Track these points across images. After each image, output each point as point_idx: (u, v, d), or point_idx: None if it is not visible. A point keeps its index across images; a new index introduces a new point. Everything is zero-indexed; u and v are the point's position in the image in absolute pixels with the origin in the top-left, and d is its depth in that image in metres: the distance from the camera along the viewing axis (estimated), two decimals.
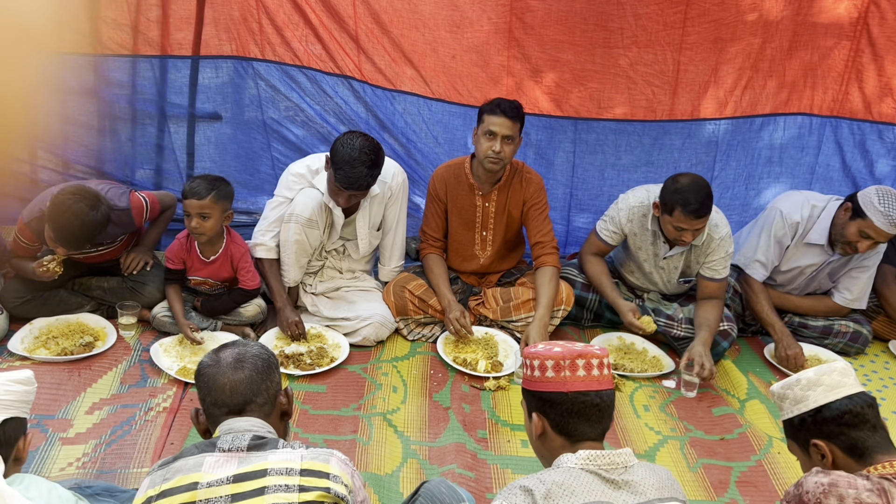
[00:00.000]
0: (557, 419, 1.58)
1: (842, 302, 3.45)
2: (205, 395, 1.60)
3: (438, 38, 3.44)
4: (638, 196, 3.21)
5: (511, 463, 2.55)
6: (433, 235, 3.33)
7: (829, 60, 3.50)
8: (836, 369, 1.79)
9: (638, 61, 3.46)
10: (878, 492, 1.52)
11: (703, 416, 2.92)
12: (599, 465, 1.50)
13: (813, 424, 1.75)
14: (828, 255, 3.34)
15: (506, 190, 3.25)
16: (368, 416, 2.70)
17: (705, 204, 2.95)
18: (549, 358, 1.59)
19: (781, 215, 3.32)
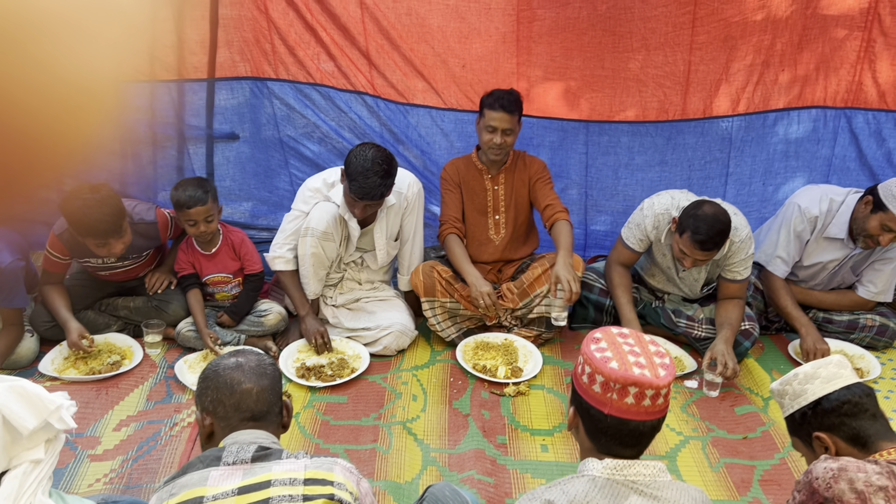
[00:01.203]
0: (591, 429, 1.52)
1: (866, 295, 3.39)
2: (225, 396, 1.61)
3: (448, 49, 3.48)
4: (663, 203, 3.17)
5: (531, 468, 2.56)
6: (453, 216, 3.35)
7: (840, 52, 3.46)
8: (832, 361, 1.81)
9: (648, 64, 3.46)
10: (888, 475, 1.53)
11: (725, 415, 2.90)
12: (626, 475, 1.46)
13: (814, 417, 1.76)
14: (849, 249, 3.29)
15: (511, 172, 3.33)
16: (388, 425, 2.73)
17: (714, 240, 2.87)
18: (601, 373, 1.46)
19: (800, 210, 3.29)
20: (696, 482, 2.51)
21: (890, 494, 1.50)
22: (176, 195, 2.98)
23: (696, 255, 2.92)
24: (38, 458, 1.54)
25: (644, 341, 1.55)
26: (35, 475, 1.52)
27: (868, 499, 1.50)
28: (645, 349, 1.51)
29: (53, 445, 1.60)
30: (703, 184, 3.72)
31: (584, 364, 1.51)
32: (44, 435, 1.57)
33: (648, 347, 1.52)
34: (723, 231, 2.89)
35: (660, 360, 1.49)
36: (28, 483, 1.50)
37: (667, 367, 1.48)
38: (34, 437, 1.55)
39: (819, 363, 1.81)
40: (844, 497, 1.52)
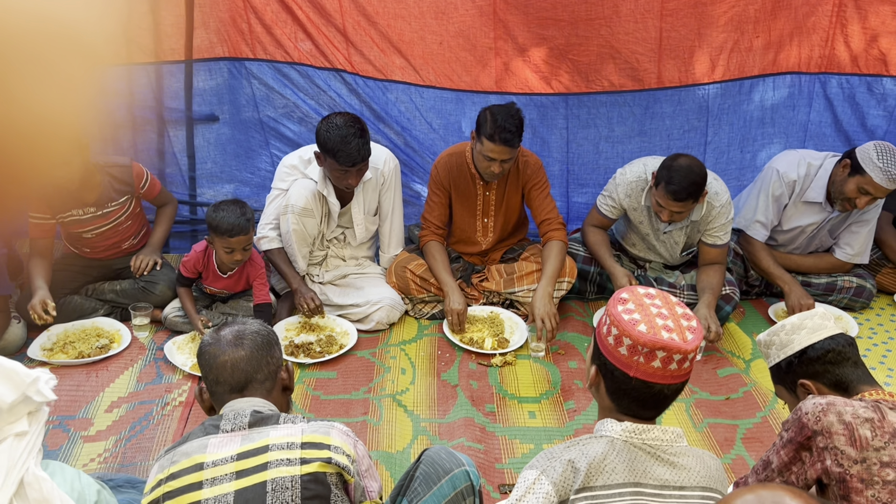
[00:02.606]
0: (614, 389, 1.49)
1: (843, 258, 3.46)
2: (206, 373, 1.66)
3: (425, 25, 3.48)
4: (635, 171, 3.23)
5: (519, 434, 2.61)
6: (435, 223, 3.36)
7: (813, 17, 3.50)
8: (817, 313, 1.88)
9: (620, 31, 3.47)
10: (874, 408, 1.61)
11: (708, 377, 2.96)
12: (644, 439, 1.47)
13: (799, 366, 1.84)
14: (827, 213, 3.36)
15: (505, 178, 3.30)
16: (378, 398, 2.77)
17: (688, 189, 2.91)
18: (629, 336, 1.42)
19: (778, 174, 3.34)
20: None
21: (875, 425, 1.57)
22: (216, 219, 2.85)
23: (671, 206, 2.96)
24: (22, 431, 1.56)
25: (671, 302, 1.50)
26: (22, 447, 1.54)
27: (855, 429, 1.57)
28: (673, 311, 1.47)
29: (36, 417, 1.61)
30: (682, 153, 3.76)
31: (611, 325, 1.46)
32: (24, 408, 1.58)
33: (676, 309, 1.48)
34: (697, 182, 2.93)
35: (687, 322, 1.46)
36: (17, 455, 1.52)
37: (694, 330, 1.45)
38: (15, 411, 1.56)
39: (805, 315, 1.88)
40: (833, 428, 1.58)
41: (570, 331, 3.28)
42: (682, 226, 3.22)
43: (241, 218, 2.85)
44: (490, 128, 2.96)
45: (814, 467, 1.62)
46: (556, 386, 2.89)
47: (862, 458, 1.55)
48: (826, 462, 1.59)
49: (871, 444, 1.55)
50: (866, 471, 1.54)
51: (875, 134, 3.72)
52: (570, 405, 2.77)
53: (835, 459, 1.58)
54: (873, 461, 1.55)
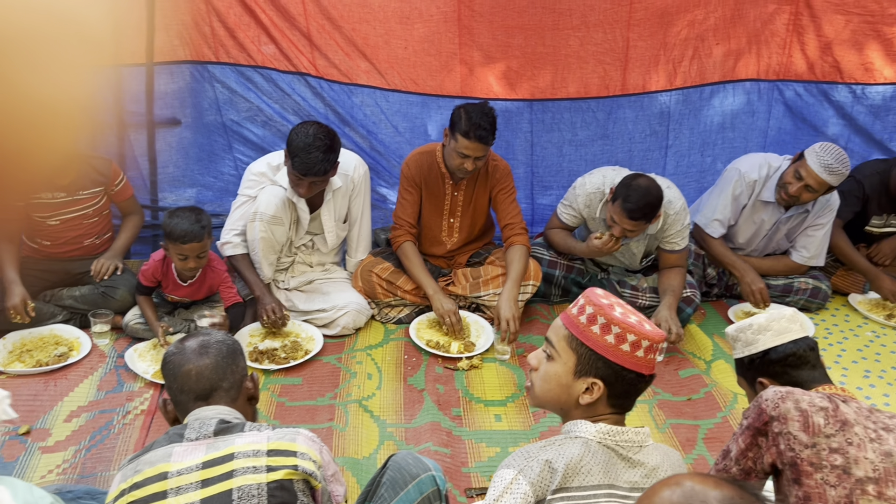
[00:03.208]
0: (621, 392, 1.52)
1: (800, 260, 3.55)
2: (171, 382, 1.65)
3: (389, 30, 3.48)
4: (594, 182, 3.28)
5: (485, 437, 2.62)
6: (408, 221, 3.34)
7: (771, 26, 3.59)
8: (785, 316, 1.93)
9: (588, 41, 3.52)
10: (829, 399, 1.68)
11: (670, 378, 3.01)
12: (617, 441, 1.50)
13: (761, 365, 1.91)
14: (780, 213, 3.44)
15: (474, 179, 3.31)
16: (344, 404, 2.76)
17: (642, 210, 2.95)
18: (632, 331, 1.48)
19: (739, 174, 3.43)
20: None
21: (829, 414, 1.64)
22: (170, 225, 2.79)
23: (624, 223, 3.00)
24: None
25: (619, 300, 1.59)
26: None
27: (810, 416, 1.63)
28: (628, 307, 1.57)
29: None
30: (643, 156, 3.83)
31: (626, 332, 1.48)
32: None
33: (626, 306, 1.57)
34: (652, 203, 2.97)
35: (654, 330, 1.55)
36: None
37: (646, 321, 1.55)
38: None
39: (773, 316, 1.92)
40: (789, 415, 1.65)
41: (535, 333, 3.30)
42: (638, 238, 3.27)
43: (195, 225, 2.79)
44: (465, 125, 2.99)
45: (769, 451, 1.68)
46: (521, 389, 2.91)
47: (812, 443, 1.62)
48: (780, 446, 1.65)
49: (823, 430, 1.62)
50: (816, 455, 1.61)
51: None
52: (535, 408, 2.79)
53: (787, 444, 1.64)
54: (823, 447, 1.61)
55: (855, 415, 1.65)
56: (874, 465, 1.59)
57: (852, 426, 1.63)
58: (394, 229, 3.38)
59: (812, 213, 3.44)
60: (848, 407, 1.68)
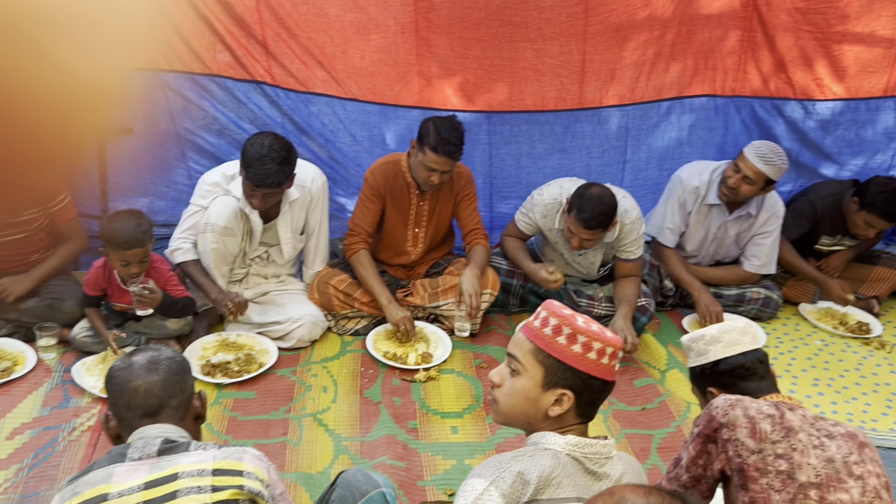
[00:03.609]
0: (590, 401, 1.54)
1: (751, 269, 3.62)
2: (117, 398, 1.60)
3: (346, 40, 3.47)
4: (552, 192, 3.30)
5: (441, 450, 2.61)
6: (366, 230, 3.31)
7: (725, 42, 3.66)
8: (736, 328, 1.96)
9: (544, 53, 3.55)
10: (776, 407, 1.73)
11: (625, 388, 3.03)
12: (585, 453, 1.50)
13: (711, 375, 1.94)
14: (725, 216, 3.54)
15: (439, 189, 3.31)
16: (298, 418, 2.72)
17: (598, 219, 2.98)
18: (599, 340, 1.50)
19: (681, 182, 3.52)
20: None
21: (776, 421, 1.68)
22: (111, 231, 2.71)
23: (581, 233, 3.03)
24: None
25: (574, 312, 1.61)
26: None
27: (757, 423, 1.67)
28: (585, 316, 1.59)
29: None
30: (601, 170, 3.87)
31: (592, 340, 1.50)
32: None
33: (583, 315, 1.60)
34: (606, 212, 3.00)
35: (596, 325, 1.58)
36: None
37: (604, 328, 1.57)
38: None
39: (724, 328, 1.95)
40: (737, 421, 1.69)
41: (493, 344, 3.31)
42: (596, 248, 3.31)
43: (136, 230, 2.73)
44: (434, 139, 2.99)
45: (719, 458, 1.71)
46: (478, 400, 2.91)
47: (759, 448, 1.65)
48: (729, 453, 1.69)
49: (769, 437, 1.66)
50: (762, 461, 1.65)
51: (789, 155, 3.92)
52: (491, 419, 2.79)
53: (735, 450, 1.67)
54: (769, 452, 1.65)
55: (800, 422, 1.70)
56: (817, 470, 1.63)
57: (797, 433, 1.67)
58: (349, 236, 3.33)
59: (758, 221, 3.52)
60: (794, 414, 1.72)
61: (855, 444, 1.70)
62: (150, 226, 2.82)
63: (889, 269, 3.76)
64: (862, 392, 3.10)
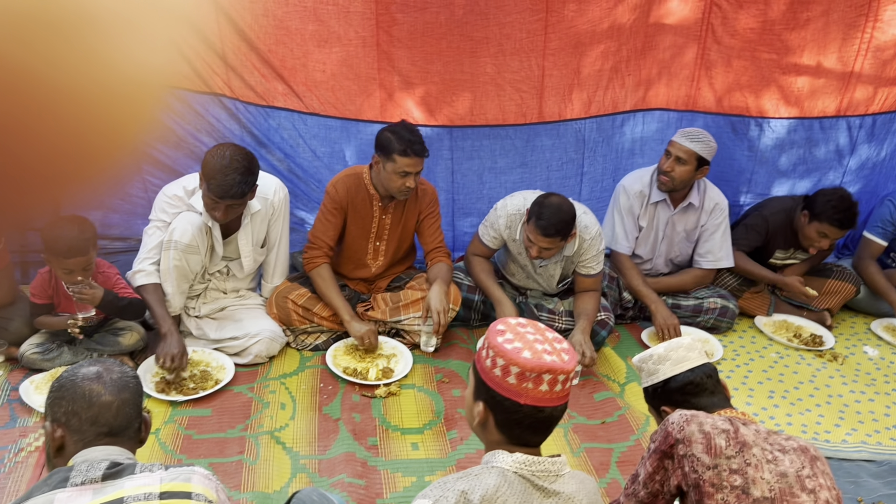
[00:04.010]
0: (504, 421, 1.53)
1: (708, 265, 3.72)
2: (81, 409, 1.50)
3: (307, 53, 3.45)
4: (515, 203, 3.33)
5: (401, 467, 2.58)
6: (327, 244, 3.28)
7: (680, 59, 3.73)
8: (682, 345, 1.98)
9: (505, 68, 3.57)
10: (729, 421, 1.75)
11: (585, 402, 3.04)
12: (533, 471, 1.50)
13: (662, 393, 1.96)
14: (670, 210, 3.65)
15: (402, 203, 3.30)
16: (255, 436, 2.67)
17: (556, 227, 3.01)
18: (516, 364, 1.47)
19: (624, 189, 3.64)
20: None
21: (730, 436, 1.70)
22: (51, 239, 2.62)
23: (540, 241, 3.05)
24: None
25: (542, 328, 1.58)
26: None
27: (712, 438, 1.70)
28: (545, 336, 1.55)
29: None
30: (560, 183, 3.90)
31: (496, 357, 1.50)
32: None
33: (547, 334, 1.56)
34: (565, 221, 3.03)
35: (560, 345, 1.54)
36: None
37: (568, 350, 1.53)
38: None
39: (671, 346, 1.97)
40: (693, 437, 1.71)
41: (454, 358, 3.29)
42: (556, 260, 3.33)
43: (79, 238, 2.64)
44: (399, 144, 3.02)
45: (675, 474, 1.73)
46: (439, 415, 2.89)
47: (714, 464, 1.67)
48: (685, 468, 1.70)
49: (724, 452, 1.68)
50: (717, 476, 1.66)
51: (743, 173, 4.01)
52: (452, 434, 2.77)
53: (691, 466, 1.69)
54: (724, 468, 1.67)
55: (754, 437, 1.73)
56: (770, 485, 1.65)
57: (751, 447, 1.69)
58: (309, 249, 3.30)
59: (703, 212, 3.64)
60: (747, 429, 1.75)
61: (807, 458, 1.72)
62: (93, 233, 2.74)
63: (841, 281, 3.85)
64: (815, 404, 3.16)
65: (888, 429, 3.01)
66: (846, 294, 3.85)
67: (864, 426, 3.01)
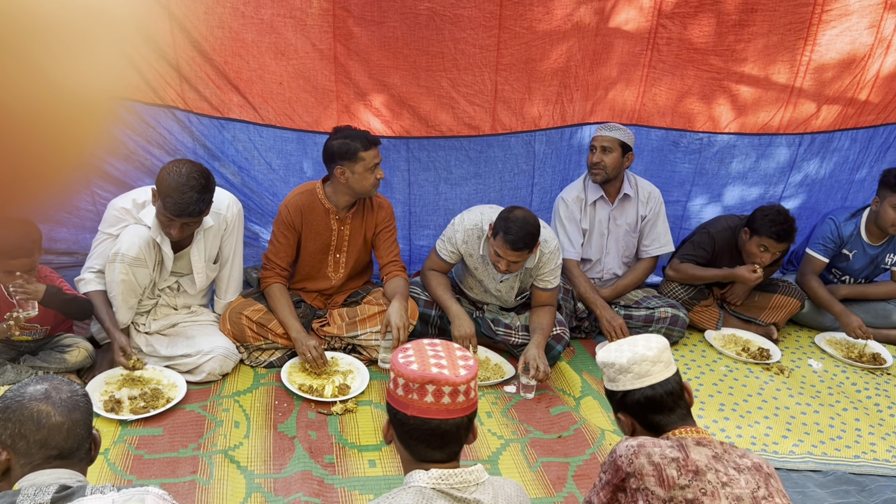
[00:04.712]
0: (401, 434, 1.58)
1: (654, 252, 3.88)
2: (29, 431, 1.45)
3: (263, 65, 3.41)
4: (472, 219, 3.36)
5: (358, 484, 2.56)
6: (280, 265, 3.27)
7: (627, 74, 3.82)
8: (647, 359, 1.88)
9: (459, 83, 3.61)
10: (678, 447, 1.74)
11: (541, 416, 3.06)
12: (451, 483, 1.51)
13: (621, 402, 1.92)
14: (609, 206, 3.78)
15: (360, 214, 3.30)
16: (209, 455, 2.61)
17: (524, 240, 3.06)
18: (402, 376, 1.54)
19: (563, 200, 3.79)
20: None
21: (680, 464, 1.70)
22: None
23: (508, 255, 3.09)
24: None
25: (452, 348, 1.63)
26: None
27: (663, 469, 1.69)
28: (451, 353, 1.59)
29: None
30: (513, 194, 3.98)
31: (390, 371, 1.59)
32: None
33: (455, 353, 1.60)
34: (532, 233, 3.08)
35: (463, 362, 1.57)
36: None
37: (469, 367, 1.56)
38: None
39: (636, 358, 1.87)
40: (644, 470, 1.70)
41: None
42: (516, 273, 3.35)
43: (25, 239, 2.58)
44: (357, 142, 3.07)
45: None
46: None
47: (669, 497, 1.67)
48: (639, 502, 1.70)
49: (677, 482, 1.68)
50: None
51: (683, 185, 4.12)
52: None
53: (646, 499, 1.69)
54: (679, 499, 1.67)
55: (706, 460, 1.71)
56: None
57: (704, 474, 1.69)
58: (264, 269, 3.31)
59: (640, 202, 3.78)
60: (699, 452, 1.73)
61: (762, 477, 1.73)
62: (39, 236, 2.68)
63: (786, 296, 3.97)
64: (764, 416, 3.24)
65: (833, 439, 3.10)
66: (791, 308, 3.97)
67: (810, 437, 3.10)
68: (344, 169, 3.10)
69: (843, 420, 3.25)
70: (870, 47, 3.81)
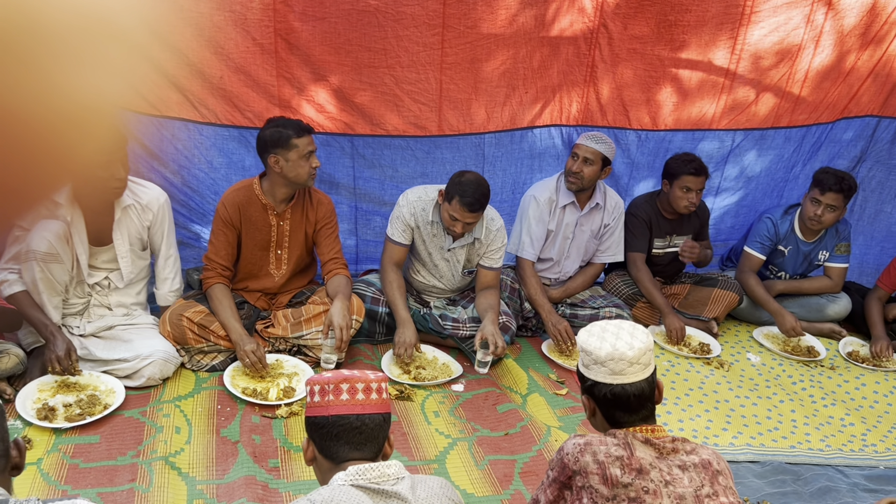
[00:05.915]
0: (321, 443, 1.64)
1: (605, 260, 3.98)
2: None
3: (203, 59, 3.33)
4: (416, 192, 3.45)
5: (304, 488, 2.52)
6: (222, 264, 3.20)
7: (571, 76, 3.85)
8: (626, 358, 1.80)
9: (403, 80, 3.59)
10: (624, 446, 1.75)
11: (488, 414, 3.07)
12: (369, 478, 1.54)
13: (588, 388, 1.86)
14: (578, 212, 3.82)
15: (299, 208, 3.26)
16: (148, 462, 2.54)
17: (480, 201, 3.22)
18: (317, 383, 1.64)
19: (535, 199, 3.77)
20: (464, 482, 2.64)
21: (625, 463, 1.71)
22: None
23: (466, 217, 3.23)
24: None
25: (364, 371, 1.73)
26: None
27: (607, 468, 1.71)
28: (366, 375, 1.68)
29: None
30: None
31: (307, 386, 1.70)
32: None
33: (369, 375, 1.69)
34: (485, 193, 3.26)
35: (374, 374, 1.69)
36: None
37: (379, 376, 1.69)
38: None
39: (615, 355, 1.80)
40: (588, 468, 1.72)
41: None
42: (464, 243, 3.43)
43: None
44: (291, 130, 3.04)
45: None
46: None
47: (613, 495, 1.69)
48: (584, 500, 1.71)
49: (621, 481, 1.69)
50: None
51: (620, 180, 4.20)
52: None
53: (591, 497, 1.70)
54: (622, 498, 1.69)
55: (651, 459, 1.73)
56: None
57: (648, 472, 1.70)
58: (205, 270, 3.23)
59: (607, 210, 3.85)
60: (644, 451, 1.73)
61: (708, 475, 1.73)
62: None
63: (725, 290, 4.07)
64: (705, 409, 3.32)
65: (770, 430, 3.20)
66: (730, 302, 4.07)
67: (749, 429, 3.19)
68: (278, 157, 3.06)
69: (779, 412, 3.35)
70: (801, 38, 3.91)
